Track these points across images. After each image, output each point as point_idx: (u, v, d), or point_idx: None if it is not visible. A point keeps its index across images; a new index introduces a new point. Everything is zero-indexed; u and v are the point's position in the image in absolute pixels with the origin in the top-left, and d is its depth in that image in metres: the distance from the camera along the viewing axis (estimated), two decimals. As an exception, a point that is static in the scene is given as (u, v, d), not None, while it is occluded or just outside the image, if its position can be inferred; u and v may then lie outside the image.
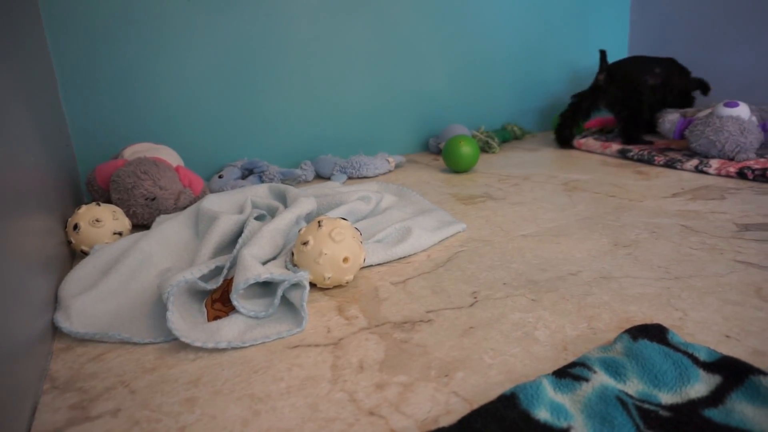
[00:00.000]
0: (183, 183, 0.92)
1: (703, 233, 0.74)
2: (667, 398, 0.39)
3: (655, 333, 0.46)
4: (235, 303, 0.55)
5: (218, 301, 0.59)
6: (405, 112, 1.45)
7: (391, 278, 0.66)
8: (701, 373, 0.41)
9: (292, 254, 0.64)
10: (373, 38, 1.35)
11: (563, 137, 1.42)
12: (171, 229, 0.75)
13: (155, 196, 0.86)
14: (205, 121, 1.18)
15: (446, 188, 1.08)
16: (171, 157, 1.00)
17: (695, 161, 1.10)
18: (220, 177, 1.10)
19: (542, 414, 0.37)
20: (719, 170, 1.05)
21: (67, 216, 0.80)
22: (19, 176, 0.56)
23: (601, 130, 1.50)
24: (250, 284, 0.57)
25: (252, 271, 0.57)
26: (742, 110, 1.10)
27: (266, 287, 0.62)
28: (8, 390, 0.39)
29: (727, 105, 1.11)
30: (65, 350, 0.53)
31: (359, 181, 1.19)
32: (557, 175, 1.13)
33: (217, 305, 0.58)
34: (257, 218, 0.79)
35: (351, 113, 1.36)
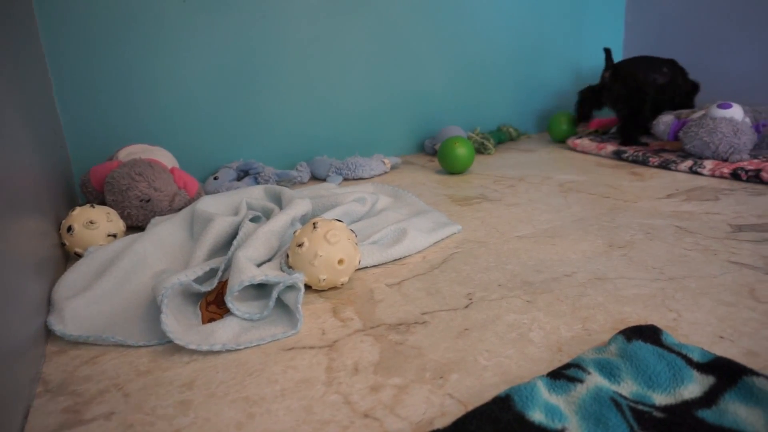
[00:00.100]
0: (178, 184, 0.91)
1: (698, 234, 0.75)
2: (661, 399, 0.39)
3: (649, 334, 0.46)
4: (229, 305, 0.55)
5: (213, 303, 0.59)
6: (401, 114, 1.45)
7: (386, 280, 0.66)
8: (695, 374, 0.41)
9: (287, 256, 0.64)
10: (369, 40, 1.35)
11: (582, 114, 1.49)
12: (166, 230, 0.75)
13: (150, 198, 0.86)
14: (200, 123, 1.18)
15: (442, 189, 1.08)
16: (166, 158, 0.99)
17: (689, 162, 1.10)
18: (216, 178, 1.09)
19: (537, 415, 0.37)
20: (713, 171, 1.05)
21: (60, 218, 0.80)
22: (12, 178, 0.56)
23: (597, 131, 1.51)
24: (244, 286, 0.56)
25: (247, 273, 0.56)
26: (736, 111, 1.11)
27: (261, 289, 0.62)
28: (0, 393, 0.38)
29: (720, 106, 1.12)
30: (58, 353, 0.52)
31: (355, 182, 1.19)
32: (552, 176, 1.13)
33: (211, 307, 0.58)
34: (252, 220, 0.79)
35: (347, 114, 1.36)
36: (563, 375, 0.41)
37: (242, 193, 0.87)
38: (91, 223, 0.75)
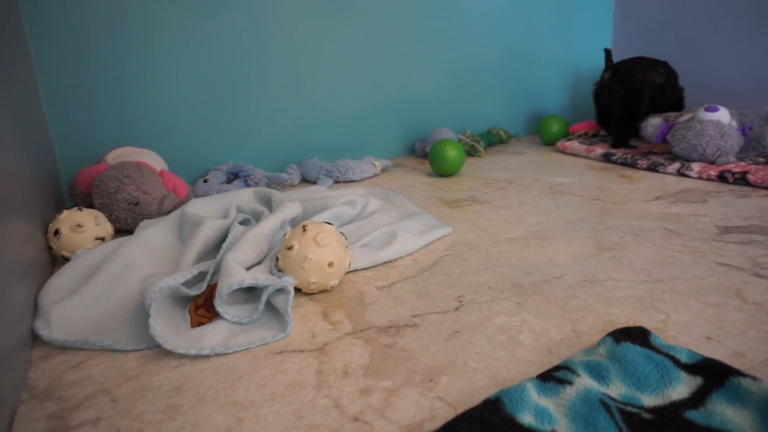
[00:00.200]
0: (167, 187, 0.91)
1: (685, 236, 0.75)
2: (649, 400, 0.40)
3: (637, 336, 0.46)
4: (218, 309, 0.55)
5: (202, 307, 0.58)
6: (391, 116, 1.45)
7: (376, 283, 0.66)
8: (683, 375, 0.41)
9: (277, 259, 0.63)
10: (360, 42, 1.35)
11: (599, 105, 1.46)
12: (154, 234, 0.74)
13: (138, 201, 0.85)
14: (189, 125, 1.18)
15: (432, 192, 1.08)
16: (155, 161, 0.99)
17: (677, 165, 1.11)
18: (205, 181, 1.09)
19: (526, 418, 0.37)
20: (700, 174, 1.06)
21: (47, 221, 0.79)
22: (-2, 181, 0.55)
23: (586, 133, 1.52)
24: (233, 290, 0.56)
25: (236, 277, 0.56)
26: (723, 115, 1.12)
27: (250, 293, 0.61)
28: (-16, 400, 0.38)
29: (707, 109, 1.13)
30: (45, 358, 0.52)
31: (345, 185, 1.19)
32: (542, 179, 1.14)
33: (200, 311, 0.58)
34: (242, 223, 0.79)
35: (337, 117, 1.36)
36: (553, 377, 0.41)
37: (232, 196, 0.86)
38: (79, 226, 0.75)
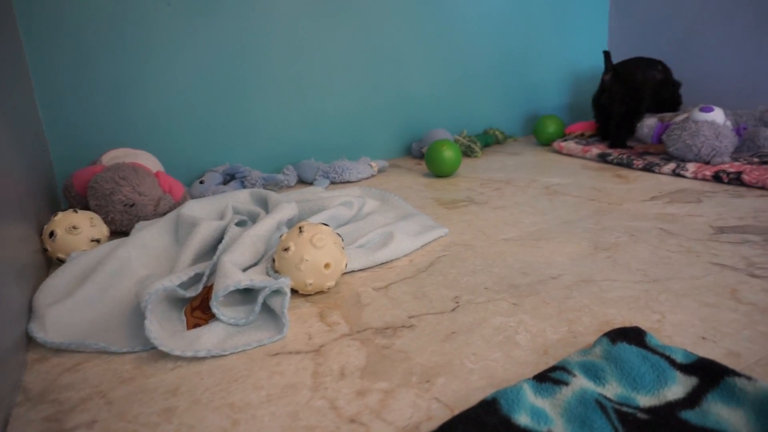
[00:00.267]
0: (163, 189, 0.91)
1: (681, 236, 0.75)
2: (645, 401, 0.40)
3: (633, 336, 0.46)
4: (215, 310, 0.54)
5: (198, 309, 0.58)
6: (388, 117, 1.45)
7: (373, 284, 0.66)
8: (678, 375, 0.42)
9: (274, 260, 0.63)
10: (356, 43, 1.35)
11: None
12: (150, 235, 0.74)
13: (134, 203, 0.85)
14: (186, 126, 1.17)
15: (429, 193, 1.08)
16: (151, 162, 0.99)
17: (672, 165, 1.12)
18: (201, 182, 1.09)
19: (523, 419, 0.37)
20: (696, 174, 1.07)
21: (42, 223, 0.79)
22: (-8, 183, 0.55)
23: (582, 134, 1.52)
24: (230, 291, 0.56)
25: (232, 278, 0.56)
26: (717, 115, 1.13)
27: (247, 294, 0.61)
28: (-21, 403, 0.38)
29: (702, 110, 1.14)
30: (40, 361, 0.52)
31: (342, 186, 1.18)
32: (538, 179, 1.14)
33: (196, 313, 0.58)
34: (238, 224, 0.78)
35: (334, 118, 1.36)
36: (549, 378, 0.42)
37: (228, 197, 0.86)
38: (74, 228, 0.74)
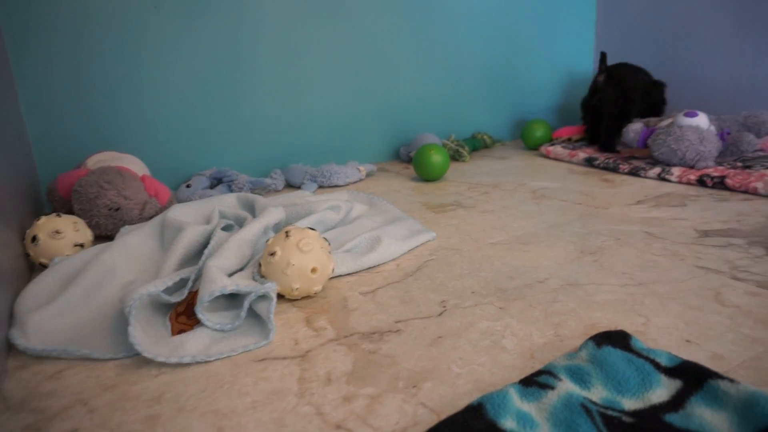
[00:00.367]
0: (149, 193, 0.90)
1: (666, 240, 0.76)
2: (630, 404, 0.40)
3: (618, 339, 0.46)
4: (200, 316, 0.54)
5: (183, 314, 0.58)
6: (376, 121, 1.45)
7: (360, 288, 0.66)
8: (663, 378, 0.42)
9: (260, 265, 0.63)
10: (345, 47, 1.35)
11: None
12: (135, 240, 0.73)
13: (119, 207, 0.84)
14: (172, 130, 1.16)
15: (417, 197, 1.08)
16: (136, 166, 0.98)
17: (658, 169, 1.13)
18: (188, 186, 1.08)
19: (509, 423, 0.37)
20: (680, 178, 1.08)
21: (25, 227, 0.78)
22: (-28, 187, 0.54)
23: (569, 139, 1.53)
24: (215, 296, 0.55)
25: (217, 283, 0.55)
26: (701, 120, 1.14)
27: (233, 299, 0.61)
28: (-44, 412, 0.37)
29: (687, 115, 1.15)
30: (20, 368, 0.51)
31: (330, 190, 1.18)
32: (526, 183, 1.15)
33: (181, 318, 0.57)
34: (225, 228, 0.78)
35: (322, 122, 1.36)
36: (535, 382, 0.42)
37: (215, 201, 0.85)
38: (57, 232, 0.73)
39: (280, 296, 0.63)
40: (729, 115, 1.27)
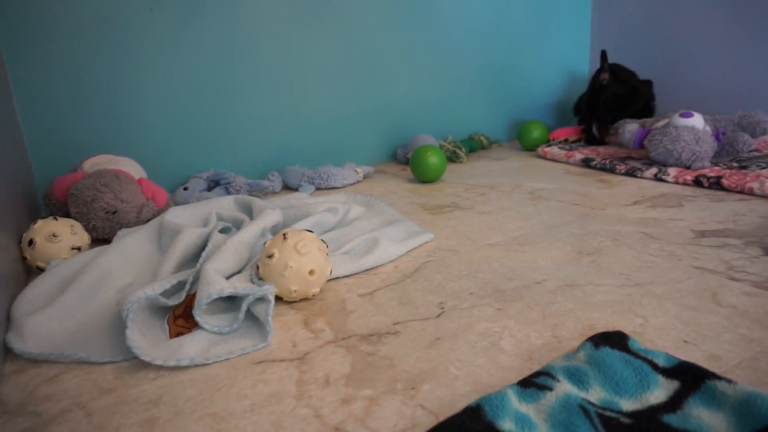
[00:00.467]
0: (146, 195, 0.90)
1: (663, 240, 0.76)
2: (628, 405, 0.40)
3: (616, 340, 0.47)
4: (198, 318, 0.54)
5: (181, 317, 0.58)
6: (373, 123, 1.45)
7: (358, 290, 0.66)
8: (660, 378, 0.42)
9: (258, 267, 0.63)
10: (341, 49, 1.35)
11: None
12: (132, 243, 0.73)
13: (116, 210, 0.84)
14: (169, 132, 1.16)
15: (414, 198, 1.09)
16: (133, 169, 0.97)
17: (654, 170, 1.13)
18: (185, 189, 1.08)
19: (507, 425, 0.37)
20: (677, 178, 1.08)
21: (22, 231, 0.77)
22: (-32, 191, 0.54)
23: (566, 140, 1.54)
24: (213, 299, 0.55)
25: (215, 286, 0.55)
26: (697, 120, 1.15)
27: (230, 302, 0.61)
28: (-47, 417, 0.37)
29: (682, 115, 1.15)
30: (17, 372, 0.51)
31: (327, 191, 1.18)
32: (523, 184, 1.15)
33: (179, 321, 0.57)
34: (222, 231, 0.78)
35: (319, 124, 1.36)
36: (533, 383, 0.42)
37: (212, 204, 0.85)
38: (54, 236, 0.73)
39: (278, 298, 0.63)
40: (724, 115, 1.27)
